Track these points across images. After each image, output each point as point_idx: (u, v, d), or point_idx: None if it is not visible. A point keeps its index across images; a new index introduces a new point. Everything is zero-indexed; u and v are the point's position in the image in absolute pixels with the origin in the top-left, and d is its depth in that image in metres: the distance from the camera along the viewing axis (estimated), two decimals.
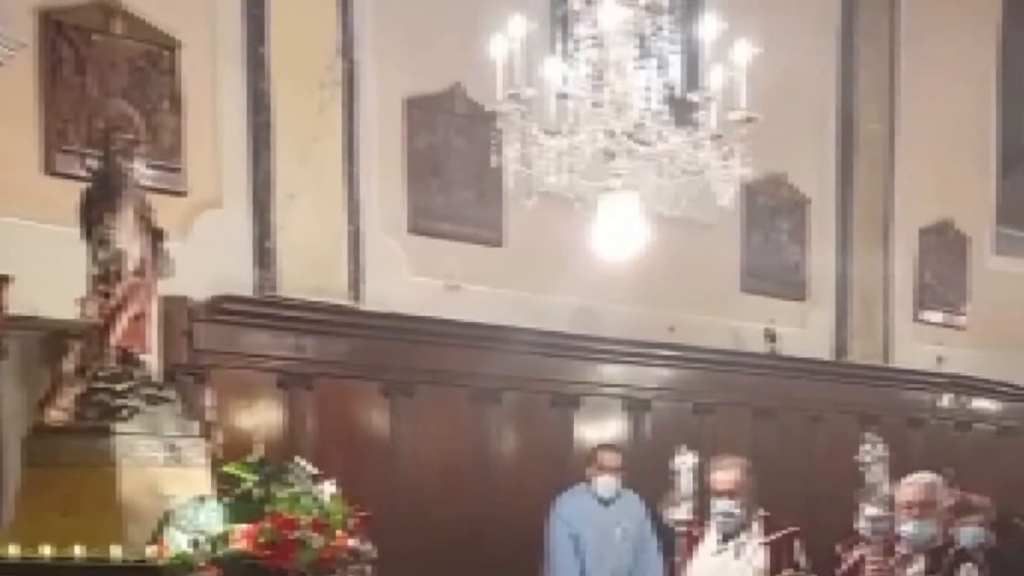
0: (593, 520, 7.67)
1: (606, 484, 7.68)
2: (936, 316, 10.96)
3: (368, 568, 5.18)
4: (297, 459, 5.28)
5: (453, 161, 7.86)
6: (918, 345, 10.71)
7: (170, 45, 6.64)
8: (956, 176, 11.03)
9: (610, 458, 7.73)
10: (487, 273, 7.97)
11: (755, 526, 6.58)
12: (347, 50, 7.34)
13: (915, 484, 6.20)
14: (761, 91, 5.38)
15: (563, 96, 5.45)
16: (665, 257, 8.04)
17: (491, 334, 7.76)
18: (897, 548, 6.19)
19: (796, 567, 6.53)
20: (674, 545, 6.63)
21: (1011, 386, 11.16)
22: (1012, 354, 11.19)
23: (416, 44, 7.66)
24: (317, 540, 4.82)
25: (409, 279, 7.65)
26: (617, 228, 5.69)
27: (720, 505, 6.53)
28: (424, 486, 7.46)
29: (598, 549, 7.68)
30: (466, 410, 7.79)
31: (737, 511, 6.52)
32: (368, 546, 5.17)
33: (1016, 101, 12.25)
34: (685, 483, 6.35)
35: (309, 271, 7.13)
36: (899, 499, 6.15)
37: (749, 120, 5.35)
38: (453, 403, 7.70)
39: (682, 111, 5.56)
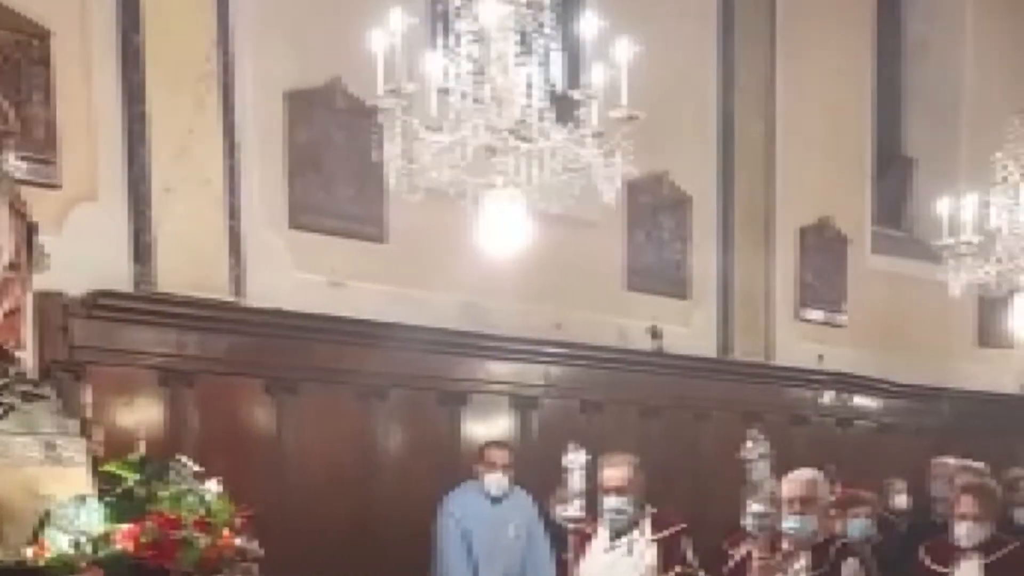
0: (483, 517, 7.67)
1: (495, 481, 7.68)
2: (817, 315, 11.15)
3: (254, 567, 5.15)
4: (180, 457, 5.23)
5: (335, 156, 7.80)
6: (800, 343, 10.89)
7: (41, 35, 6.48)
8: (834, 176, 11.25)
9: (499, 455, 7.74)
10: (371, 269, 7.92)
11: (645, 523, 6.67)
12: (224, 42, 7.25)
13: (797, 481, 6.35)
14: (643, 89, 5.44)
15: (444, 91, 5.46)
16: (550, 254, 8.12)
17: (376, 331, 7.73)
18: (782, 544, 6.33)
19: (685, 563, 6.62)
20: (565, 542, 6.66)
21: (890, 383, 11.45)
22: (890, 352, 11.51)
23: (295, 37, 7.60)
24: (202, 539, 4.78)
25: (292, 275, 7.58)
26: (501, 225, 5.71)
27: (610, 502, 6.61)
28: (310, 484, 7.40)
29: (489, 547, 7.68)
30: (352, 407, 7.75)
31: (627, 508, 6.62)
32: (254, 545, 5.13)
33: (890, 103, 12.61)
34: (576, 481, 6.38)
35: (188, 266, 7.02)
36: (782, 495, 6.29)
37: (631, 118, 5.41)
38: (339, 400, 7.67)
39: (564, 108, 5.60)
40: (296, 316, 7.41)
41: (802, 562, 6.34)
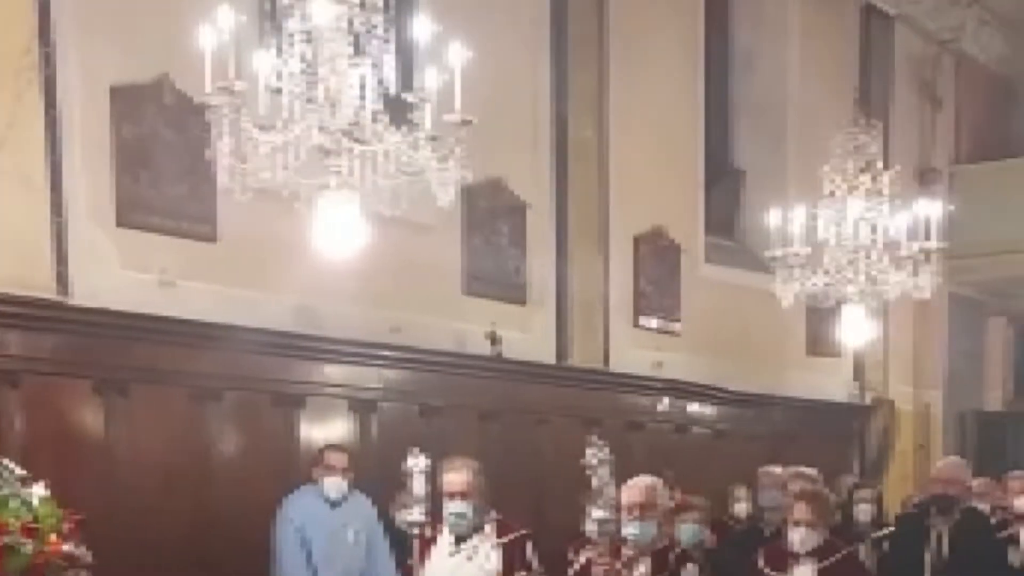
0: (322, 521, 7.65)
1: (334, 485, 7.68)
2: (653, 322, 11.43)
3: (84, 574, 5.04)
4: (4, 461, 5.11)
5: (163, 153, 7.71)
6: (636, 350, 11.14)
7: None
8: (667, 186, 11.60)
9: (337, 459, 7.74)
10: (202, 269, 7.85)
11: (487, 528, 6.73)
12: (46, 35, 7.13)
13: (636, 487, 6.49)
14: (477, 94, 5.55)
15: (276, 91, 5.48)
16: (387, 257, 8.17)
17: (209, 331, 7.66)
18: (623, 550, 6.46)
19: (529, 569, 6.70)
20: (407, 547, 6.71)
21: (724, 391, 11.79)
22: (724, 360, 11.85)
23: (122, 32, 7.52)
24: (28, 546, 4.68)
25: (120, 273, 7.46)
26: (336, 227, 5.75)
27: (452, 507, 6.65)
28: (142, 488, 7.26)
29: (328, 551, 7.65)
30: (185, 410, 7.64)
31: (469, 513, 6.66)
32: (83, 551, 5.04)
33: (720, 116, 13.05)
34: (418, 485, 6.43)
35: (10, 263, 6.85)
36: (622, 501, 6.43)
37: (465, 123, 5.50)
38: (171, 402, 7.55)
39: (398, 111, 5.66)
40: (125, 316, 7.28)
41: (643, 568, 6.47)
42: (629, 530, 6.42)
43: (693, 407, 11.61)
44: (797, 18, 13.37)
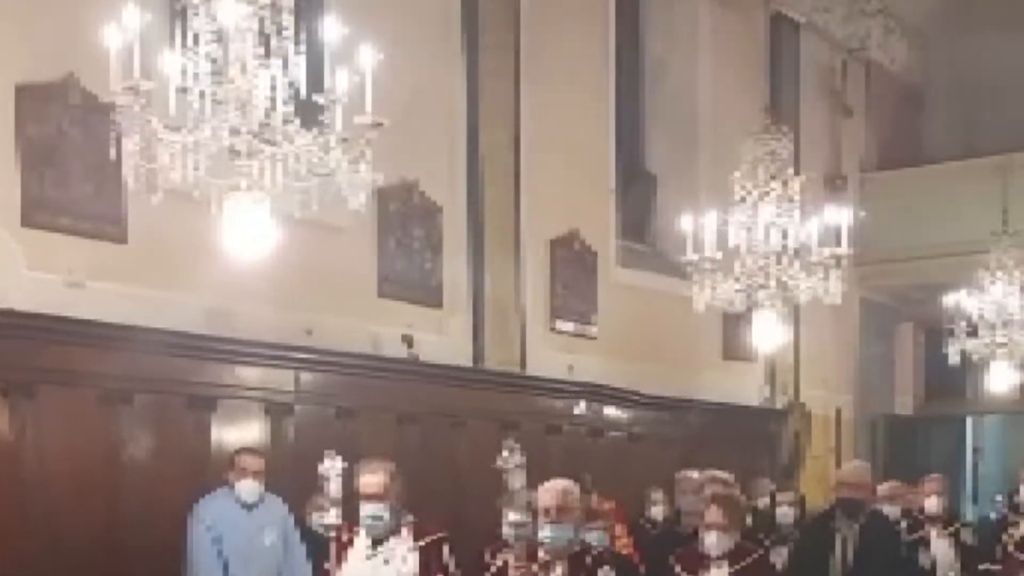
0: (236, 525, 7.60)
1: (248, 488, 7.64)
2: (568, 326, 11.53)
3: None
4: None
5: (70, 153, 7.65)
6: (552, 354, 11.22)
7: None
8: (580, 190, 11.71)
9: (251, 462, 7.71)
10: (112, 270, 7.79)
11: (404, 531, 6.72)
12: None
13: (551, 490, 6.49)
14: (389, 97, 5.59)
15: (183, 91, 5.47)
16: (299, 259, 8.20)
17: (119, 333, 7.60)
18: (540, 553, 6.50)
19: (446, 572, 6.71)
20: (323, 550, 6.69)
21: (639, 394, 11.89)
22: (640, 363, 11.96)
23: (26, 29, 7.46)
24: None
25: (26, 274, 7.39)
26: (246, 228, 5.74)
27: (368, 509, 6.64)
28: (52, 493, 7.18)
29: (243, 555, 7.61)
30: (95, 412, 7.55)
31: (385, 515, 6.65)
32: None
33: (632, 121, 13.20)
34: (334, 488, 6.42)
35: None
36: (538, 504, 6.49)
37: (376, 125, 5.53)
38: (80, 405, 7.46)
39: (308, 112, 5.68)
40: (31, 317, 7.20)
41: (559, 571, 6.50)
42: (544, 533, 6.43)
43: (609, 410, 11.70)
44: (707, 26, 13.59)
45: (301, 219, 6.00)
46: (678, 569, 7.21)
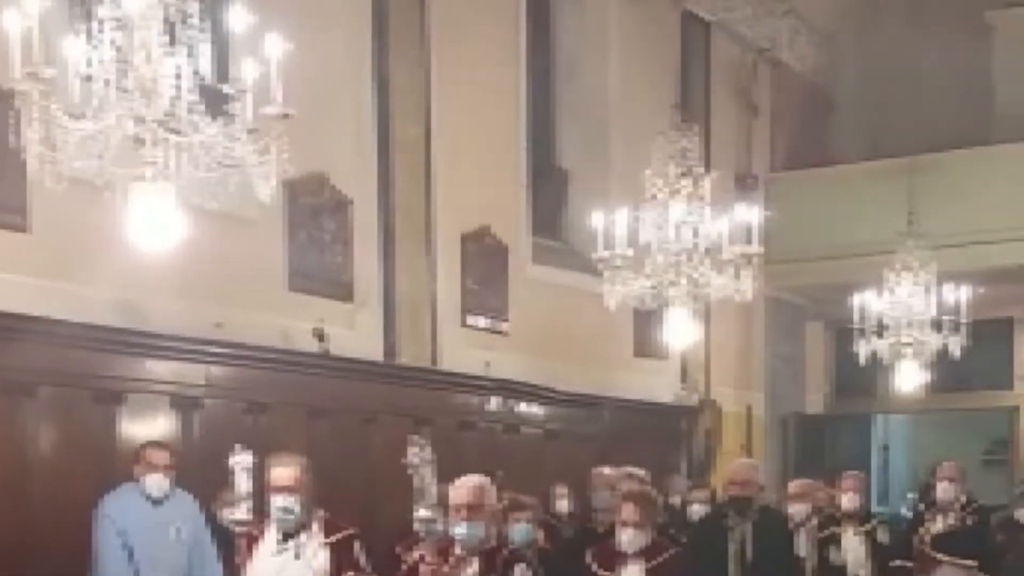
0: (144, 521, 7.52)
1: (156, 483, 7.58)
2: (481, 321, 11.54)
3: None
4: None
5: None
6: (465, 349, 11.23)
7: None
8: (492, 185, 11.74)
9: (159, 456, 7.64)
10: (14, 260, 7.68)
11: (315, 526, 6.71)
12: None
13: (464, 487, 6.53)
14: (298, 88, 5.59)
15: (87, 78, 5.41)
16: (208, 251, 8.16)
17: (22, 324, 7.49)
18: (454, 549, 6.52)
19: (357, 568, 6.71)
20: (233, 545, 6.68)
21: (553, 391, 11.94)
22: (553, 360, 12.03)
23: None
24: None
25: None
26: (152, 219, 5.69)
27: (279, 501, 6.63)
28: None
29: (151, 551, 7.53)
30: None
31: (296, 508, 6.64)
32: None
33: (544, 117, 13.26)
34: (242, 483, 6.42)
35: None
36: (451, 501, 6.52)
37: (285, 116, 5.52)
38: None
39: (215, 102, 5.64)
40: None
41: (473, 568, 6.53)
42: (457, 530, 6.47)
43: (523, 407, 11.73)
44: (617, 23, 13.67)
45: (209, 211, 6.00)
46: (594, 566, 7.27)
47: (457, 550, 6.48)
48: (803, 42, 16.60)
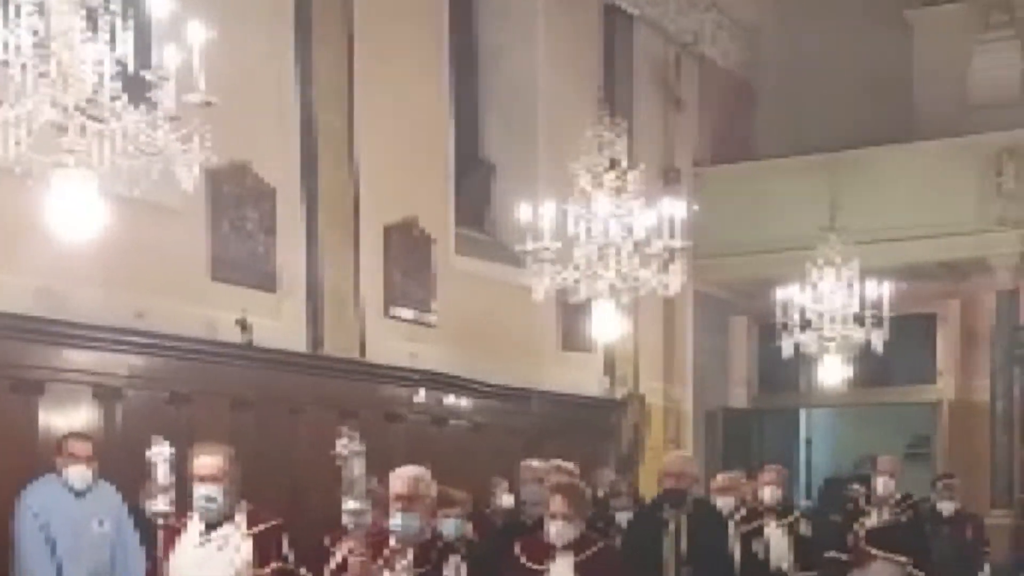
0: (65, 512, 7.48)
1: (78, 474, 7.54)
2: (407, 313, 11.51)
3: None
4: None
5: None
6: (391, 341, 11.19)
7: None
8: (417, 176, 11.71)
9: (80, 447, 7.60)
10: None
11: (239, 518, 6.65)
12: None
13: (401, 478, 6.57)
14: (219, 76, 5.59)
15: (4, 64, 5.34)
16: (130, 240, 8.08)
17: None
18: (390, 541, 6.52)
19: (283, 560, 6.66)
20: (156, 537, 6.59)
21: (481, 383, 11.96)
22: (480, 352, 12.04)
23: None
24: None
25: None
26: (72, 207, 5.65)
27: (202, 490, 6.55)
28: None
29: (73, 543, 7.48)
30: None
31: (220, 498, 6.56)
32: None
33: (469, 108, 13.27)
34: (162, 474, 6.39)
35: None
36: (388, 493, 6.53)
37: (207, 104, 5.52)
38: None
39: (137, 89, 5.61)
40: None
41: (407, 560, 6.53)
42: (394, 521, 6.49)
43: (450, 399, 11.73)
44: (542, 15, 13.71)
45: (131, 199, 5.95)
46: (523, 559, 7.29)
47: (392, 542, 6.50)
48: (726, 37, 16.76)
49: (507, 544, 7.79)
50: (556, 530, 7.13)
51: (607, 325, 9.93)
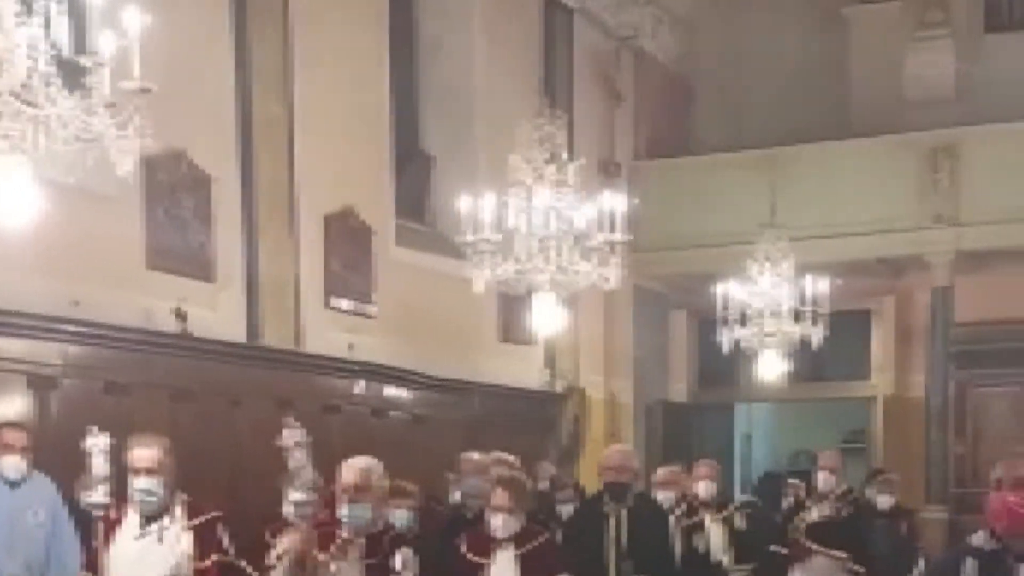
0: (0, 504, 7.37)
1: (12, 465, 7.43)
2: (346, 304, 11.45)
3: None
4: None
5: None
6: (330, 332, 11.14)
7: None
8: (356, 167, 11.66)
9: (15, 437, 7.49)
10: None
11: (178, 510, 6.60)
12: None
13: (351, 468, 6.56)
14: (156, 63, 5.52)
15: None
16: (65, 227, 7.97)
17: None
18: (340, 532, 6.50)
19: (223, 552, 6.61)
20: (92, 529, 6.53)
21: (421, 375, 11.94)
22: (420, 344, 12.02)
23: None
24: None
25: None
26: (6, 193, 5.57)
27: (140, 483, 6.49)
28: None
29: (8, 534, 7.38)
30: None
31: (158, 491, 6.51)
32: None
33: (408, 99, 13.24)
34: (99, 465, 6.33)
35: None
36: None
37: (144, 91, 5.45)
38: None
39: (72, 75, 5.53)
40: None
41: (358, 551, 6.51)
42: (343, 512, 6.47)
43: (390, 391, 11.69)
44: (481, 6, 13.69)
45: (66, 185, 5.87)
46: (466, 552, 7.29)
47: (344, 532, 6.47)
48: (665, 31, 16.83)
49: (449, 537, 7.80)
50: (498, 523, 7.16)
51: (548, 318, 9.90)
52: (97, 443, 6.30)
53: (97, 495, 6.35)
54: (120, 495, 6.46)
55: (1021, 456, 4.77)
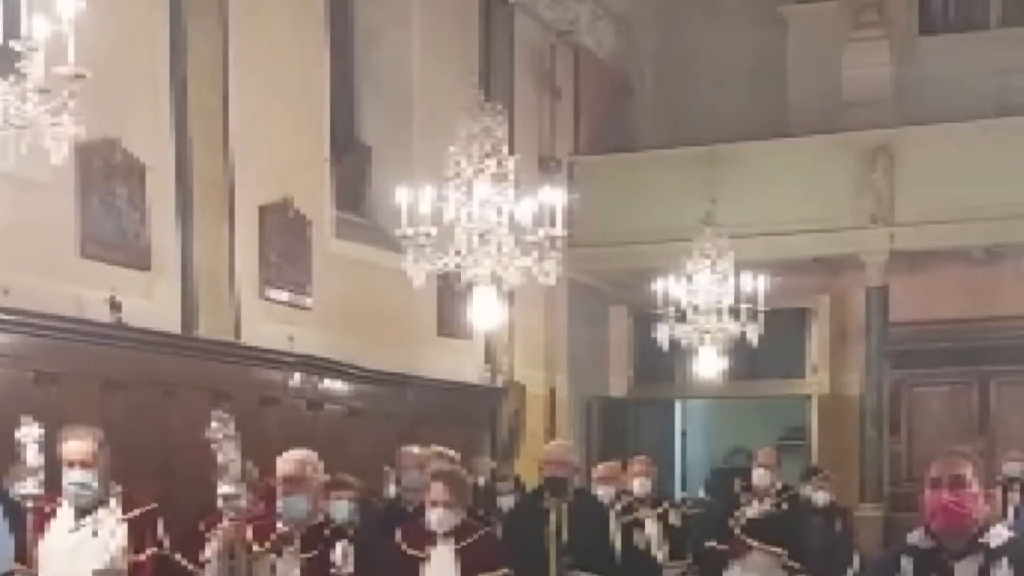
0: None
1: None
2: (283, 295, 11.39)
3: None
4: None
5: None
6: (267, 323, 11.07)
7: None
8: (293, 157, 11.59)
9: None
10: None
11: (113, 502, 6.54)
12: None
13: (288, 460, 6.52)
14: (90, 49, 5.51)
15: None
16: None
17: None
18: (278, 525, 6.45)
19: (159, 545, 6.57)
20: (24, 521, 6.45)
21: (357, 368, 11.89)
22: (357, 337, 11.98)
23: None
24: None
25: None
26: None
27: (74, 476, 6.43)
28: None
29: None
30: None
31: (92, 483, 6.45)
32: None
33: (345, 90, 13.17)
34: (31, 456, 6.28)
35: None
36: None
37: (78, 77, 5.43)
38: None
39: (5, 60, 5.48)
40: None
41: (295, 545, 6.47)
42: (279, 504, 6.41)
43: (326, 384, 11.63)
44: None
45: None
46: (404, 545, 7.26)
47: (280, 525, 6.42)
48: (603, 27, 16.86)
49: (387, 530, 7.76)
50: (437, 517, 7.16)
51: (487, 312, 9.89)
52: (30, 433, 6.25)
53: (29, 486, 6.29)
54: (53, 487, 6.39)
55: (958, 455, 4.78)
